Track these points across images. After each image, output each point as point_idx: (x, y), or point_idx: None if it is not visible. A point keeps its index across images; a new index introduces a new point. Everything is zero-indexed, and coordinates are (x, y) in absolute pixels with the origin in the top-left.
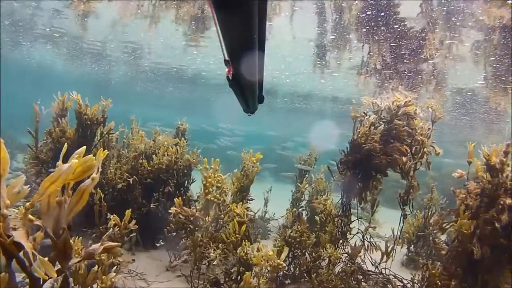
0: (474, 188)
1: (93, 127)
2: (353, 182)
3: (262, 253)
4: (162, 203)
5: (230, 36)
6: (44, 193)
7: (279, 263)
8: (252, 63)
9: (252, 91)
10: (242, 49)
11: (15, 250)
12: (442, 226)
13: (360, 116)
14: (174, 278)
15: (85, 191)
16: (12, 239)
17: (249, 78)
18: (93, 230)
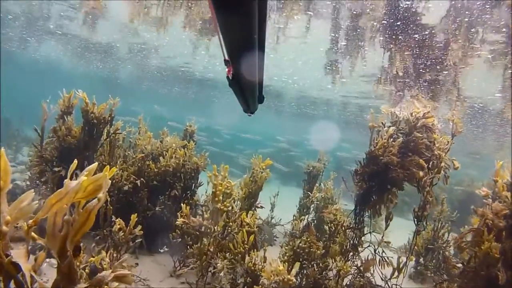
0: (500, 209)
1: (99, 126)
2: (368, 194)
3: (272, 268)
4: (167, 207)
5: (230, 36)
6: (49, 210)
7: (290, 278)
8: (252, 63)
9: (252, 91)
10: (242, 49)
11: (14, 270)
12: (461, 246)
13: (377, 127)
14: (178, 284)
15: (92, 211)
16: (10, 259)
17: (249, 78)
18: (96, 232)
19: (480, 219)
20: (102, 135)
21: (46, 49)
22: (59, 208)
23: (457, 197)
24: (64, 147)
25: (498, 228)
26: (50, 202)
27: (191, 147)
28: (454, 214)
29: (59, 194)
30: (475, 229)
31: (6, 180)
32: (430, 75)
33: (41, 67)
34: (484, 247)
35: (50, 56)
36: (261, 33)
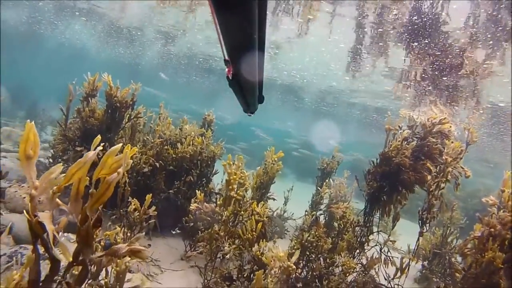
0: (504, 216)
1: (122, 109)
2: (379, 194)
3: (272, 254)
4: (182, 192)
5: (230, 36)
6: (71, 178)
7: (289, 265)
8: (252, 64)
9: (252, 92)
10: (242, 49)
11: (40, 230)
12: (464, 252)
13: (394, 129)
14: (188, 268)
15: (111, 183)
16: (37, 219)
17: (249, 78)
18: (113, 211)
19: (484, 227)
20: (124, 119)
21: (72, 33)
22: (81, 177)
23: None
24: (87, 128)
25: (503, 237)
26: (71, 171)
27: (209, 136)
28: (463, 221)
29: (79, 164)
30: (478, 237)
31: (36, 150)
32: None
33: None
34: (487, 256)
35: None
36: (261, 33)
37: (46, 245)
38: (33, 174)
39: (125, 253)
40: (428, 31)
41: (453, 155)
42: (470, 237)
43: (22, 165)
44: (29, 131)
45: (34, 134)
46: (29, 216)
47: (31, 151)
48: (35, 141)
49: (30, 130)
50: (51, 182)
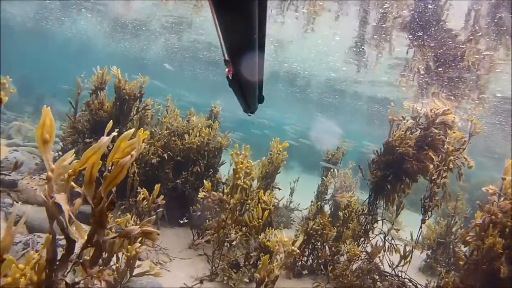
0: (505, 205)
1: (130, 102)
2: (383, 183)
3: (276, 238)
4: (190, 182)
5: (230, 36)
6: (86, 162)
7: (293, 249)
8: (252, 64)
9: (252, 92)
10: (242, 50)
11: (56, 211)
12: (466, 240)
13: (397, 120)
14: (195, 256)
15: (124, 166)
16: (53, 200)
17: (249, 78)
18: (122, 202)
19: (485, 215)
20: (132, 111)
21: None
22: (95, 161)
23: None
24: (96, 120)
25: (504, 225)
26: (86, 155)
27: (216, 127)
28: (468, 211)
29: (94, 148)
30: (479, 224)
31: (52, 134)
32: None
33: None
34: (487, 242)
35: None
36: (261, 33)
37: (62, 225)
38: (49, 156)
39: (137, 234)
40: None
41: (455, 145)
42: (471, 225)
43: (40, 148)
44: (46, 116)
45: (50, 119)
46: (46, 198)
47: (47, 135)
48: (51, 126)
49: (46, 115)
50: (64, 168)
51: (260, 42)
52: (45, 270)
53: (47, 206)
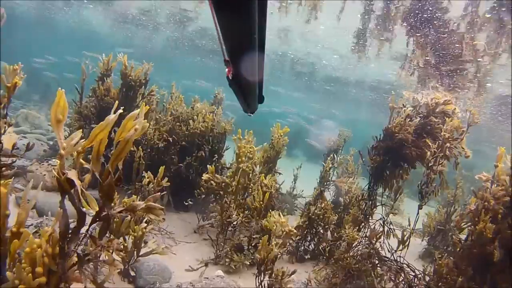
0: (497, 191)
1: (136, 88)
2: (382, 169)
3: (274, 219)
4: (194, 167)
5: (230, 36)
6: (94, 139)
7: (290, 229)
8: (252, 63)
9: (252, 92)
10: (242, 49)
11: (68, 187)
12: (460, 226)
13: (397, 108)
14: (200, 240)
15: (129, 140)
16: (66, 176)
17: (249, 78)
18: (129, 186)
19: (478, 201)
20: (138, 97)
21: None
22: (102, 137)
23: None
24: (102, 106)
25: (496, 211)
26: (94, 133)
27: (220, 113)
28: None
29: (101, 126)
30: (473, 210)
31: (64, 114)
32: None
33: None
34: (478, 227)
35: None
36: (261, 33)
37: (73, 200)
38: (62, 135)
39: (143, 209)
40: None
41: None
42: (466, 211)
43: (53, 127)
44: (60, 97)
45: (64, 100)
46: (58, 174)
47: (60, 115)
48: (64, 107)
49: (60, 97)
50: (73, 146)
51: (260, 42)
52: (58, 242)
53: (59, 181)
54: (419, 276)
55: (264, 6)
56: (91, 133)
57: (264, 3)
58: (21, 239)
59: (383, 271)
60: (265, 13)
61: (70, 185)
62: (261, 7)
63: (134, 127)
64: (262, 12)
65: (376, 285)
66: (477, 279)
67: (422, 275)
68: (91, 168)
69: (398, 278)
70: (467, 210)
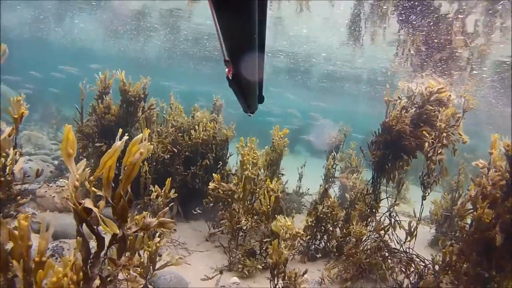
0: (494, 176)
1: (136, 103)
2: (383, 162)
3: (280, 223)
4: (200, 176)
5: (230, 36)
6: (104, 167)
7: (297, 231)
8: (252, 63)
9: (252, 92)
10: (242, 49)
11: (85, 215)
12: (462, 213)
13: (393, 101)
14: (213, 248)
15: (136, 164)
16: (83, 206)
17: (249, 78)
18: (137, 201)
19: (476, 188)
20: (138, 112)
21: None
22: (111, 165)
23: None
24: (104, 124)
25: (494, 196)
26: (103, 161)
27: (220, 121)
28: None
29: (109, 154)
30: (472, 197)
31: (74, 148)
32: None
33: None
34: (477, 213)
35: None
36: (261, 33)
37: (91, 226)
38: (74, 168)
39: (156, 225)
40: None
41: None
42: (466, 199)
43: (65, 160)
44: (68, 132)
45: (72, 135)
46: (75, 205)
47: (70, 149)
48: (73, 141)
49: (68, 132)
50: (81, 174)
51: (260, 42)
52: (81, 268)
53: (76, 211)
54: (429, 266)
55: (264, 6)
56: (100, 161)
57: (264, 3)
58: (45, 269)
59: (393, 263)
60: (265, 13)
61: (87, 213)
62: (261, 7)
63: (140, 151)
64: (262, 12)
65: (388, 277)
66: (483, 264)
67: (431, 265)
68: (104, 194)
69: (408, 269)
70: (468, 197)
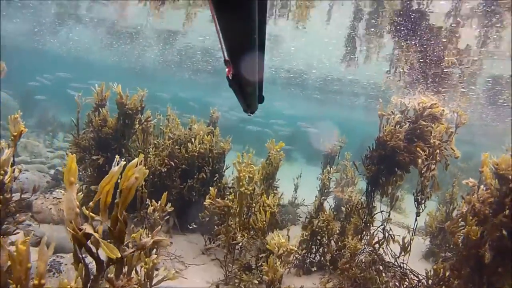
0: (483, 194)
1: (133, 116)
2: (378, 177)
3: (275, 241)
4: (196, 189)
5: (230, 36)
6: (102, 192)
7: (291, 248)
8: (252, 63)
9: (252, 92)
10: (242, 49)
11: (84, 240)
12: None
13: (386, 115)
14: (209, 261)
15: (131, 188)
16: (84, 231)
17: (249, 78)
18: (134, 214)
19: (466, 205)
20: (135, 124)
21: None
22: (109, 189)
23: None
24: (101, 137)
25: (484, 213)
26: (101, 186)
27: (217, 133)
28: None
29: (106, 179)
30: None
31: (75, 176)
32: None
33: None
34: (465, 230)
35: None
36: (261, 33)
37: (90, 250)
38: (75, 195)
39: (151, 244)
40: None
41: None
42: (457, 216)
43: (66, 187)
44: (71, 162)
45: (75, 164)
46: (75, 231)
47: (72, 178)
48: (75, 170)
49: (72, 161)
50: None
51: (260, 42)
52: None
53: (75, 237)
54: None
55: (264, 6)
56: (99, 186)
57: (264, 3)
58: None
59: (388, 277)
60: (265, 13)
61: (87, 238)
62: (261, 7)
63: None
64: (262, 12)
65: None
66: (475, 280)
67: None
68: (102, 219)
69: (402, 284)
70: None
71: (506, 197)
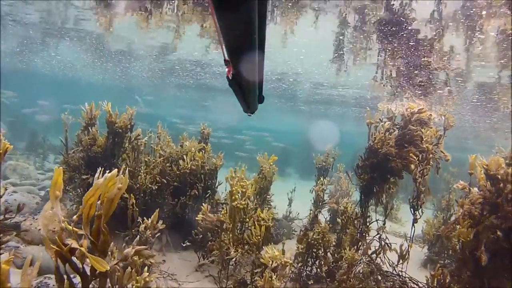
0: (476, 197)
1: (123, 134)
2: (371, 186)
3: (269, 255)
4: (189, 206)
5: (230, 36)
6: (85, 205)
7: (286, 261)
8: (252, 64)
9: (252, 91)
10: (242, 49)
11: (69, 255)
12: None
13: (375, 123)
14: (203, 278)
15: (114, 199)
16: (69, 247)
17: (249, 78)
18: (126, 233)
19: (459, 208)
20: (124, 142)
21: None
22: (92, 202)
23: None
24: (90, 156)
25: (474, 215)
26: (85, 200)
27: (208, 150)
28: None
29: (90, 192)
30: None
31: (60, 190)
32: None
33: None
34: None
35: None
36: (261, 33)
37: (75, 266)
38: (59, 209)
39: (133, 254)
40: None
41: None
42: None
43: (51, 201)
44: (58, 176)
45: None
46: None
47: (57, 192)
48: (61, 184)
49: (59, 175)
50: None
51: (260, 42)
52: None
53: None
54: None
55: (264, 6)
56: (83, 199)
57: (264, 3)
58: None
59: (387, 287)
60: (265, 14)
61: (72, 253)
62: (261, 7)
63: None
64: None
65: None
66: (476, 283)
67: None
68: (85, 233)
69: None
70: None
71: (498, 198)
